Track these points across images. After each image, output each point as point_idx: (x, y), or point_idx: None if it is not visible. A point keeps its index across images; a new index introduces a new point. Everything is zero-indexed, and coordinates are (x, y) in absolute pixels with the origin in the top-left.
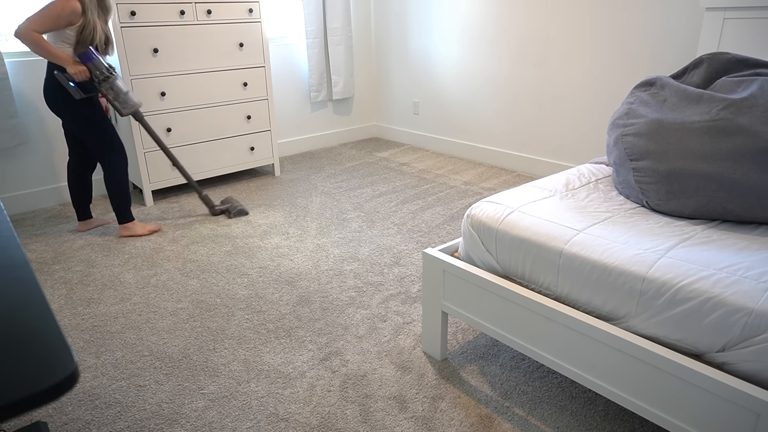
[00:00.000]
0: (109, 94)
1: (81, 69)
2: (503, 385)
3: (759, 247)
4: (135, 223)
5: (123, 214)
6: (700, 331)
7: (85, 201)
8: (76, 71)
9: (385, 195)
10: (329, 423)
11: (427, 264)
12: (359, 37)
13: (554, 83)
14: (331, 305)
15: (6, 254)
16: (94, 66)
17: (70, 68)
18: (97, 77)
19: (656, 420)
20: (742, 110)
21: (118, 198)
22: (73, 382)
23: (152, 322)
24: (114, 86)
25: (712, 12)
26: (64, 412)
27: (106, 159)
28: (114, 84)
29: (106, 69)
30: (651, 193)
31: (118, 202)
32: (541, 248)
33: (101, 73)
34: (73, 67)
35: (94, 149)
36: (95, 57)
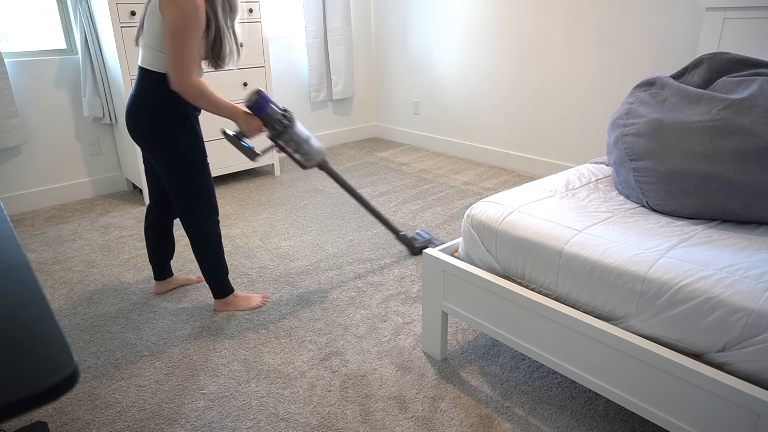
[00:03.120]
0: (289, 146)
1: (256, 124)
2: (503, 385)
3: (759, 247)
4: (236, 295)
5: (219, 287)
6: (700, 331)
7: (166, 256)
8: (249, 127)
9: (385, 195)
10: (329, 423)
11: (427, 264)
12: (359, 37)
13: (554, 83)
14: (331, 305)
15: (6, 254)
16: (270, 117)
17: (242, 123)
18: (276, 130)
19: (656, 420)
20: (742, 110)
21: (208, 269)
22: (73, 382)
23: (152, 322)
24: (294, 136)
25: (712, 12)
26: (64, 412)
27: (194, 223)
28: (294, 134)
29: (282, 116)
30: (651, 193)
31: (209, 273)
32: (541, 248)
33: (280, 124)
34: (245, 121)
35: (180, 206)
36: (270, 104)
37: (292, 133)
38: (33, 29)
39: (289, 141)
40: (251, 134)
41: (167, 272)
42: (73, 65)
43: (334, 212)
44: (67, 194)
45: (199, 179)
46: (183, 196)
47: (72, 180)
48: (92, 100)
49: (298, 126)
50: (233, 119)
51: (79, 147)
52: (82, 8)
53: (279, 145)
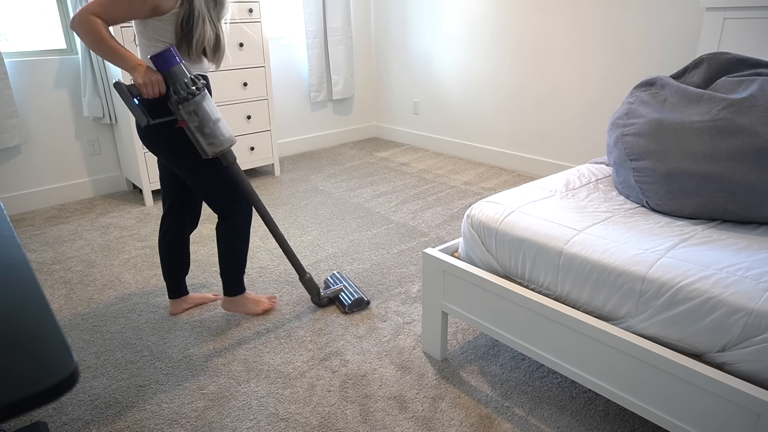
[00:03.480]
0: (190, 121)
1: (154, 78)
2: (503, 385)
3: (759, 247)
4: (246, 296)
5: (233, 285)
6: (700, 331)
7: (182, 271)
8: (146, 80)
9: (385, 195)
10: (329, 423)
11: (427, 264)
12: (359, 37)
13: (554, 83)
14: (330, 305)
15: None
16: (175, 75)
17: (139, 75)
18: (179, 93)
19: (656, 420)
20: (742, 110)
21: (231, 264)
22: (73, 382)
23: (152, 322)
24: (200, 109)
25: (712, 12)
26: (64, 412)
27: (225, 219)
28: (199, 107)
29: (190, 81)
30: (651, 193)
31: (230, 269)
32: (541, 248)
33: (185, 88)
34: (143, 74)
35: (212, 201)
36: (177, 61)
37: (198, 104)
38: (33, 29)
39: (192, 114)
40: (148, 90)
41: (183, 289)
42: (73, 65)
43: (334, 212)
44: (67, 194)
45: (224, 171)
46: (215, 193)
47: (72, 180)
48: (92, 100)
49: (209, 101)
50: (128, 69)
51: (79, 147)
52: None
53: (178, 115)
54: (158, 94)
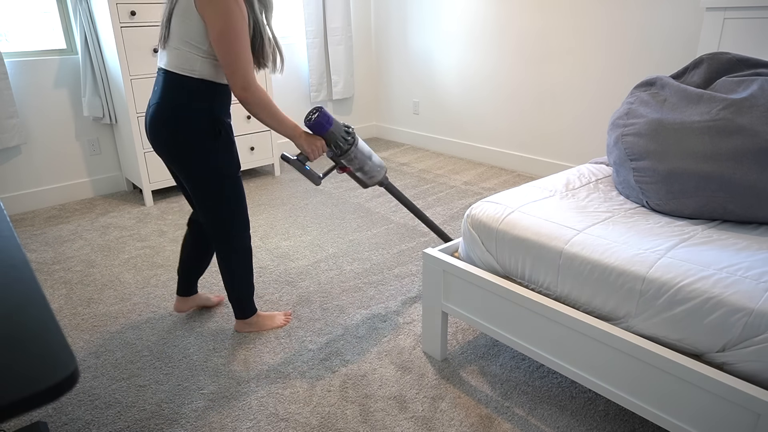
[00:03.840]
0: (351, 165)
1: (319, 144)
2: (503, 385)
3: (759, 247)
4: (259, 315)
5: (243, 308)
6: (700, 331)
7: (198, 272)
8: (312, 147)
9: (385, 195)
10: (329, 423)
11: (427, 264)
12: (359, 37)
13: (554, 83)
14: (331, 305)
15: (6, 254)
16: (333, 134)
17: (305, 144)
18: (339, 148)
19: (656, 420)
20: (743, 110)
21: (236, 291)
22: (73, 382)
23: (152, 322)
24: (358, 154)
25: (712, 12)
26: (64, 412)
27: (223, 242)
28: (357, 152)
29: (345, 134)
30: (651, 193)
31: (236, 295)
32: (541, 248)
33: (343, 142)
34: (308, 142)
35: (210, 222)
36: (331, 121)
37: (356, 151)
38: (33, 29)
39: (353, 160)
40: (315, 156)
41: (193, 288)
42: (73, 65)
43: (334, 212)
44: (67, 194)
45: (233, 192)
46: (215, 212)
47: (72, 180)
48: (92, 100)
49: (361, 143)
50: (294, 139)
51: (79, 147)
52: (82, 8)
53: (342, 164)
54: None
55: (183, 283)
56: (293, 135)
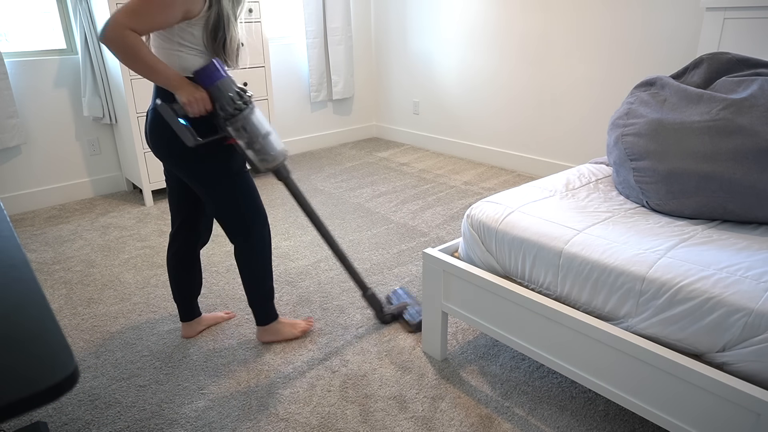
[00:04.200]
0: (239, 137)
1: (199, 96)
2: (503, 385)
3: (759, 247)
4: (281, 322)
5: (264, 313)
6: (700, 331)
7: (193, 292)
8: (190, 98)
9: (385, 195)
10: (329, 423)
11: (427, 264)
12: (359, 37)
13: (554, 83)
14: (331, 305)
15: (6, 254)
16: (220, 90)
17: (182, 93)
18: (225, 110)
19: (656, 420)
20: (742, 110)
21: (257, 293)
22: (73, 382)
23: (152, 322)
24: (248, 125)
25: (712, 12)
26: (64, 412)
27: (242, 240)
28: (248, 121)
29: (237, 95)
30: (651, 193)
31: (257, 298)
32: (541, 248)
33: (231, 104)
34: (187, 92)
35: (226, 223)
36: (222, 75)
37: (246, 119)
38: (33, 29)
39: (241, 130)
40: (193, 109)
41: (195, 311)
42: (73, 65)
43: (334, 212)
44: (67, 194)
45: (245, 188)
46: (232, 211)
47: (72, 180)
48: (92, 100)
49: (257, 114)
50: (170, 87)
51: (79, 147)
52: (82, 8)
53: (226, 132)
54: (204, 112)
55: (183, 308)
56: (171, 83)
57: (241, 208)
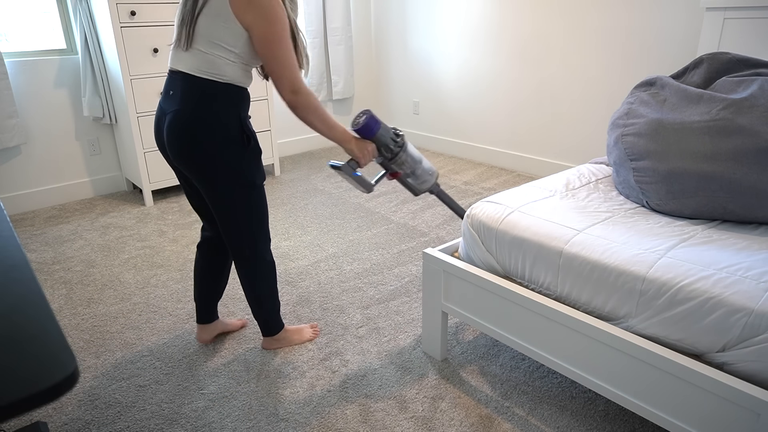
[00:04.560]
0: (402, 170)
1: (369, 149)
2: (503, 385)
3: (759, 247)
4: (287, 330)
5: (269, 326)
6: (700, 331)
7: (216, 296)
8: (364, 152)
9: (385, 195)
10: (329, 423)
11: (427, 264)
12: (359, 37)
13: (554, 83)
14: (331, 305)
15: (6, 254)
16: (382, 137)
17: (355, 149)
18: (390, 151)
19: (656, 420)
20: (743, 110)
21: (260, 310)
22: (73, 383)
23: (152, 322)
24: (408, 158)
25: (712, 12)
26: (64, 412)
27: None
28: (407, 155)
29: (394, 136)
30: (651, 193)
31: (262, 313)
32: (541, 248)
33: (393, 145)
34: (358, 147)
35: (231, 232)
36: (379, 124)
37: (406, 155)
38: (33, 29)
39: (403, 164)
40: (365, 161)
41: (214, 314)
42: (73, 65)
43: (334, 212)
44: (67, 194)
45: (259, 202)
46: (240, 225)
47: (72, 180)
48: (92, 100)
49: (410, 146)
50: (343, 144)
51: (79, 147)
52: (82, 8)
53: (392, 169)
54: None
55: (202, 310)
56: (343, 140)
57: (254, 221)
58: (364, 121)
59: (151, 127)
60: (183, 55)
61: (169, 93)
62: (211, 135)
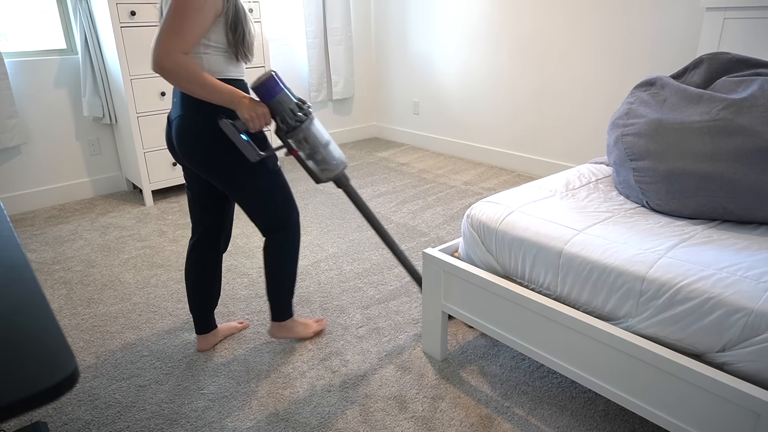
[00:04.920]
0: (301, 149)
1: (261, 111)
2: (503, 385)
3: (759, 247)
4: (295, 320)
5: (282, 310)
6: (700, 331)
7: (212, 303)
8: (252, 114)
9: (385, 195)
10: (329, 423)
11: (427, 264)
12: (359, 37)
13: (554, 83)
14: (331, 305)
15: (6, 254)
16: (280, 104)
17: (244, 110)
18: (286, 123)
19: (656, 420)
20: (742, 110)
21: (281, 287)
22: (73, 383)
23: (152, 322)
24: (310, 136)
25: (712, 12)
26: (64, 412)
27: (277, 236)
28: (309, 132)
29: (297, 107)
30: (651, 193)
31: (280, 292)
32: (541, 248)
33: (292, 116)
34: (248, 108)
35: (259, 222)
36: (281, 88)
37: (308, 131)
38: (33, 29)
39: (302, 141)
40: (254, 125)
41: (212, 323)
42: (73, 65)
43: (334, 212)
44: (67, 194)
45: (278, 182)
46: (267, 212)
47: (72, 180)
48: (92, 100)
49: (317, 124)
50: (231, 105)
51: (79, 147)
52: (82, 8)
53: (288, 144)
54: (265, 126)
55: (200, 319)
56: (232, 100)
57: (280, 204)
58: (262, 79)
59: (151, 127)
60: None
61: (173, 100)
62: (215, 136)
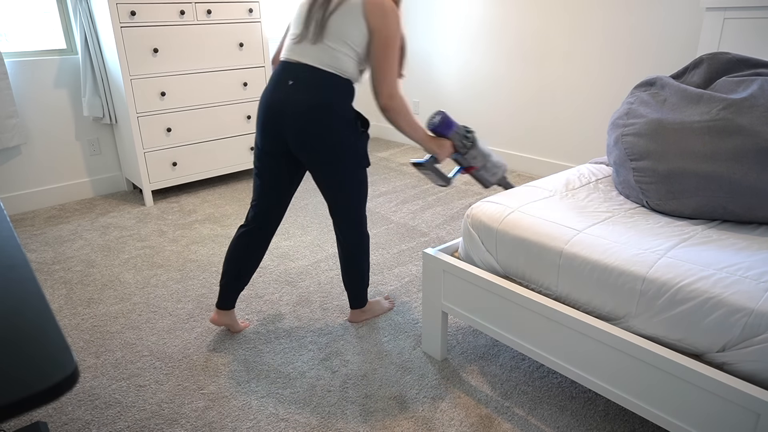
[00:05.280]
0: (476, 163)
1: (447, 145)
2: (503, 385)
3: (759, 247)
4: (370, 302)
5: (362, 297)
6: (700, 331)
7: (242, 286)
8: (443, 150)
9: (385, 195)
10: (329, 423)
11: (427, 264)
12: None
13: (554, 83)
14: (331, 305)
15: (6, 254)
16: (457, 135)
17: (435, 146)
18: (464, 147)
19: (656, 420)
20: (742, 110)
21: (361, 281)
22: (73, 383)
23: (152, 322)
24: (479, 153)
25: (712, 12)
26: (64, 412)
27: (357, 233)
28: (478, 150)
29: (466, 132)
30: (651, 193)
31: (361, 286)
32: (541, 248)
33: (465, 141)
34: (438, 145)
35: (348, 217)
36: (454, 123)
37: (477, 150)
38: (33, 29)
39: (476, 158)
40: (444, 156)
41: (233, 302)
42: (73, 65)
43: None
44: (67, 194)
45: (366, 182)
46: (355, 202)
47: (72, 180)
48: (92, 100)
49: (480, 142)
50: (424, 143)
51: (79, 147)
52: (82, 8)
53: (467, 162)
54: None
55: (228, 295)
56: (424, 139)
57: (362, 198)
58: (439, 120)
59: (151, 127)
60: (309, 49)
61: (287, 83)
62: (339, 122)
